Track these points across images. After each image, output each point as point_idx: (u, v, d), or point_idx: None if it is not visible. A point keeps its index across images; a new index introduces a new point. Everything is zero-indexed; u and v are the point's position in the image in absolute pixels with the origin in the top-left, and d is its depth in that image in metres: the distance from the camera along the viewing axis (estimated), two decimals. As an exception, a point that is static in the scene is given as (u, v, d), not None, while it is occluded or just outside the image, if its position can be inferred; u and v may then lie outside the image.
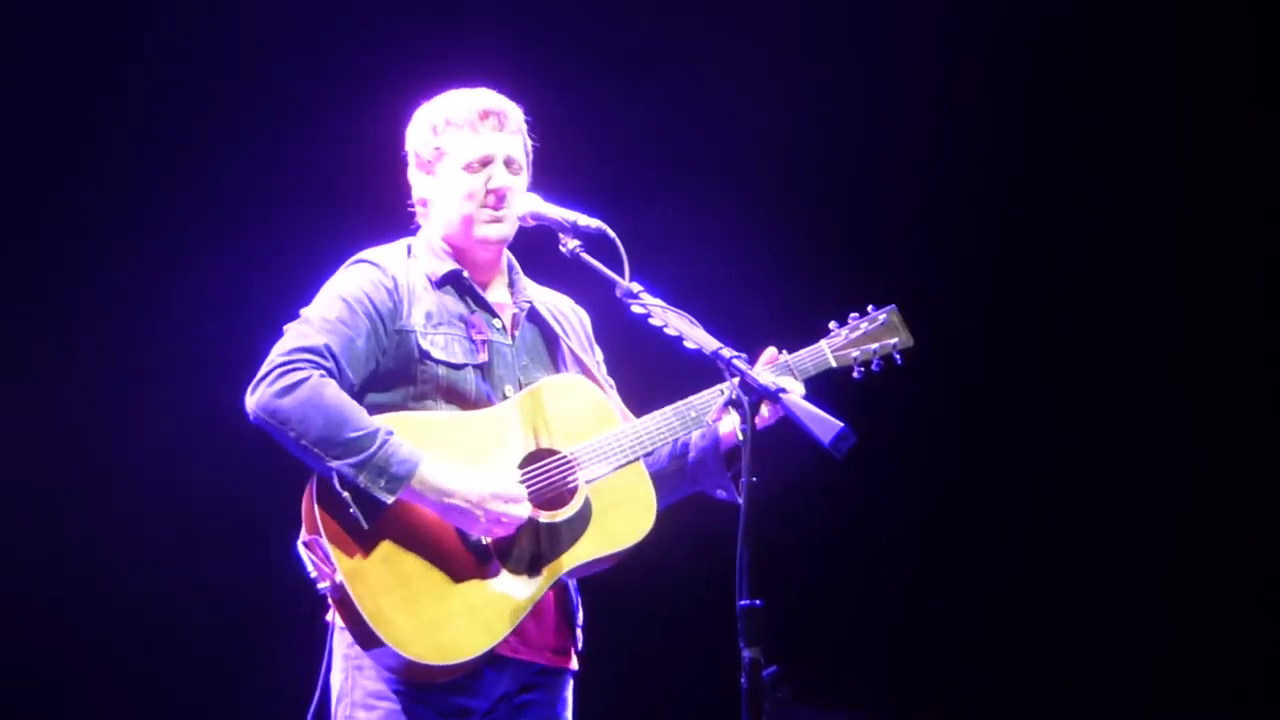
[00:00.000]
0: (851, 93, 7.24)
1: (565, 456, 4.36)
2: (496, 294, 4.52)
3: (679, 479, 4.54)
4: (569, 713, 4.49)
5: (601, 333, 4.70)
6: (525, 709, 4.39)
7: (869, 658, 7.25)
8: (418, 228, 4.57)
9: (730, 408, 4.35)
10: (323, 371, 4.23)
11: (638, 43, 7.21)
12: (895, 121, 7.26)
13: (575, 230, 4.34)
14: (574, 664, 4.48)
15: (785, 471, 4.18)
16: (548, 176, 4.58)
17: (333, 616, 4.30)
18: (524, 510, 4.26)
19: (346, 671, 4.33)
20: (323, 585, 4.20)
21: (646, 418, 4.43)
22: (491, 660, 4.29)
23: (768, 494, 3.80)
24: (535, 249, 4.54)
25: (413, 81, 4.70)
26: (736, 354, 4.03)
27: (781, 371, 4.46)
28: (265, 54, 6.83)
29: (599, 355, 4.66)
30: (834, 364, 4.55)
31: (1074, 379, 7.36)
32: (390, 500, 4.19)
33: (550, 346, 4.54)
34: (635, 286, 4.21)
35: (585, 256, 4.30)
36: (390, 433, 4.21)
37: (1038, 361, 7.36)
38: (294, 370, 4.22)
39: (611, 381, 4.63)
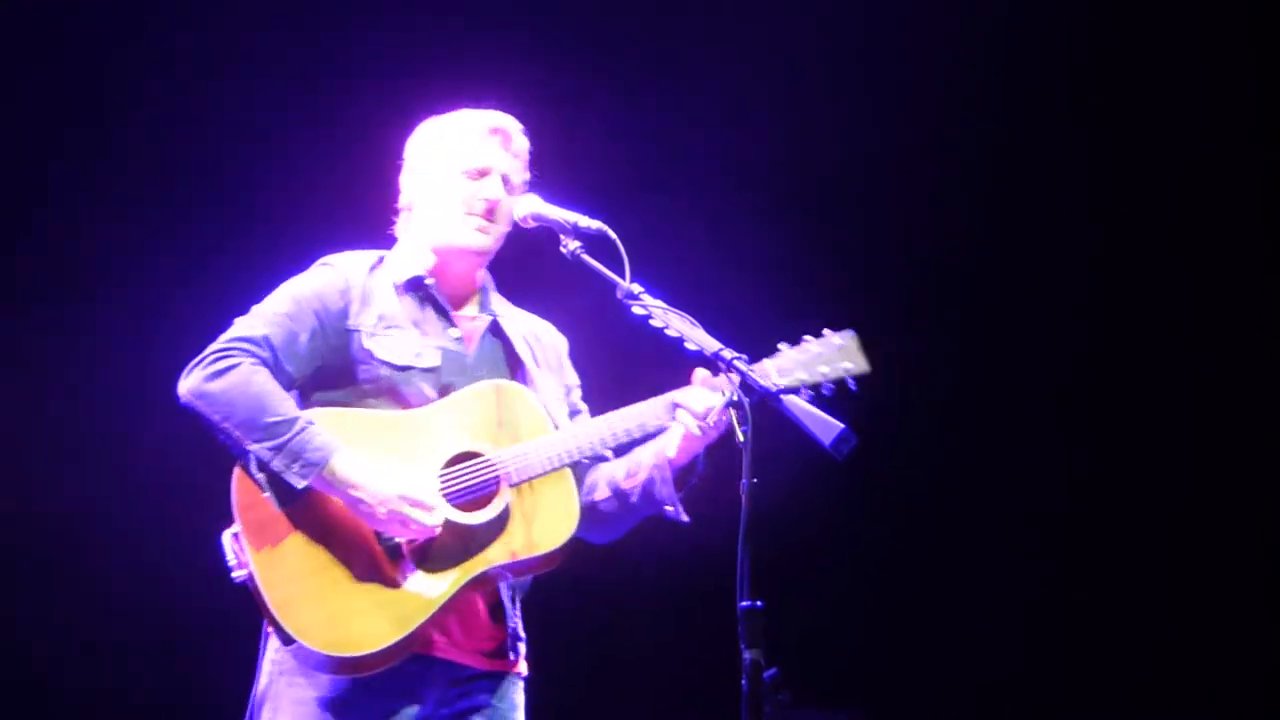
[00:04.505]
0: (854, 95, 7.24)
1: (490, 459, 4.35)
2: (463, 307, 4.54)
3: (632, 501, 4.49)
4: (520, 717, 4.47)
5: (604, 333, 4.69)
6: (467, 715, 4.38)
7: (869, 660, 7.26)
8: (393, 240, 4.58)
9: (732, 408, 4.34)
10: (255, 360, 4.29)
11: (638, 46, 7.22)
12: (897, 124, 7.26)
13: (576, 231, 4.34)
14: (519, 668, 4.47)
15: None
16: (550, 176, 4.58)
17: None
18: (429, 517, 4.26)
19: (272, 676, 4.35)
20: (238, 574, 4.25)
21: (577, 426, 4.44)
22: (415, 660, 4.30)
23: (769, 496, 3.81)
24: (536, 250, 4.53)
25: (412, 86, 4.70)
26: (737, 355, 4.03)
27: (727, 388, 4.33)
28: (262, 57, 6.84)
29: (573, 380, 4.67)
30: (780, 384, 4.32)
31: (1075, 379, 7.36)
32: (302, 485, 4.22)
33: (511, 364, 4.53)
34: (636, 288, 4.21)
35: (586, 258, 4.30)
36: (311, 422, 4.26)
37: (1038, 361, 7.36)
38: (227, 356, 4.29)
39: (584, 407, 4.63)
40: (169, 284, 6.71)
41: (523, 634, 4.47)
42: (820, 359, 4.41)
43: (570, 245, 4.34)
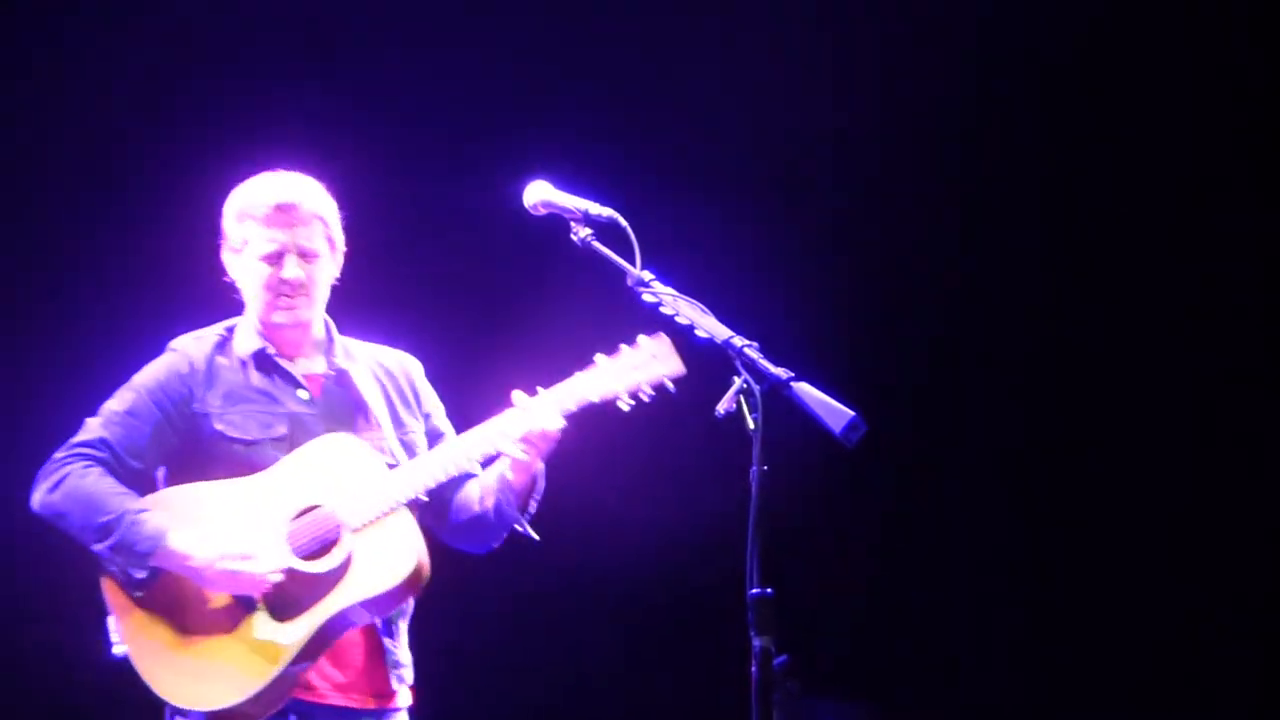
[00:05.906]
0: (854, 93, 7.25)
1: (329, 509, 4.57)
2: (307, 364, 4.76)
3: (491, 520, 4.71)
4: None
5: (609, 325, 4.67)
6: None
7: (879, 651, 7.26)
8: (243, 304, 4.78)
9: (742, 397, 4.34)
10: (87, 462, 4.58)
11: (639, 39, 7.23)
12: (898, 122, 7.27)
13: (587, 219, 4.34)
14: (399, 701, 4.69)
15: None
16: (554, 170, 4.58)
17: None
18: (256, 565, 4.50)
19: None
20: (118, 650, 4.59)
21: (411, 468, 4.63)
22: (300, 705, 4.56)
23: (776, 484, 3.80)
24: (547, 237, 4.52)
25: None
26: (748, 342, 4.02)
27: (543, 409, 4.55)
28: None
29: (433, 405, 4.85)
30: (594, 398, 4.58)
31: (1076, 378, 7.37)
32: (141, 575, 4.53)
33: (356, 409, 4.72)
34: (647, 275, 4.20)
35: (596, 245, 4.31)
36: (140, 512, 4.53)
37: (1040, 359, 7.36)
38: (63, 466, 4.59)
39: (447, 430, 4.81)
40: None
41: (404, 660, 4.70)
42: (634, 367, 4.58)
43: (581, 233, 4.34)
